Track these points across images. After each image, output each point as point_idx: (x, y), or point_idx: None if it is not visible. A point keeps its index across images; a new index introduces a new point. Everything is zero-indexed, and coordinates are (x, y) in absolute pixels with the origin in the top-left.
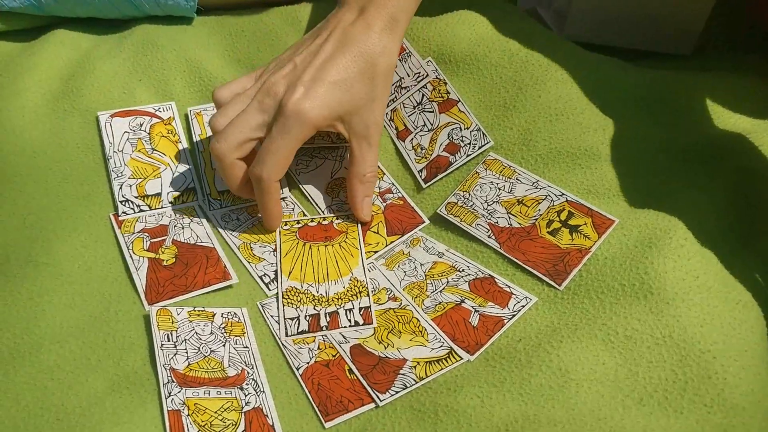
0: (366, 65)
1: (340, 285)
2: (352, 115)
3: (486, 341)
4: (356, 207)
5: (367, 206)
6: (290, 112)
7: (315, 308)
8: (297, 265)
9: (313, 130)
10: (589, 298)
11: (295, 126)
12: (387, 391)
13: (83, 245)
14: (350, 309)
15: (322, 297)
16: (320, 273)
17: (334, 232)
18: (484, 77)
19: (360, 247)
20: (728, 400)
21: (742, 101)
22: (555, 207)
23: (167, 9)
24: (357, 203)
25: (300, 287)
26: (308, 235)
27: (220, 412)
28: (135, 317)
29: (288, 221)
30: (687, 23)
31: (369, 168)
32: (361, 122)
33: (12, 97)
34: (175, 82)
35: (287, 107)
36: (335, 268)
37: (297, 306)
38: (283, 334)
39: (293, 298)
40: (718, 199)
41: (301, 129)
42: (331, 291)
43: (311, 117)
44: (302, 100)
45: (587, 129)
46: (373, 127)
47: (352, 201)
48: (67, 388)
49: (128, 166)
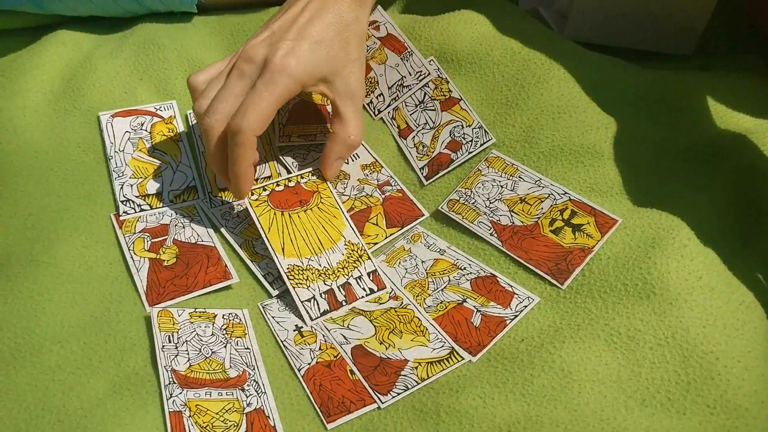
0: (341, 29)
1: (339, 252)
2: (335, 75)
3: (488, 342)
4: (327, 164)
5: (337, 167)
6: (277, 67)
7: (326, 283)
8: (286, 240)
9: (298, 85)
10: (591, 298)
11: (281, 80)
12: (388, 393)
13: (84, 245)
14: (359, 277)
15: (327, 270)
16: (313, 244)
17: (305, 193)
18: (486, 76)
19: (338, 204)
20: (731, 402)
21: (743, 101)
22: (558, 206)
23: (168, 4)
24: (330, 161)
25: (301, 264)
26: (281, 202)
27: (221, 414)
28: (136, 318)
29: (253, 189)
30: (688, 23)
31: (354, 130)
32: (344, 83)
33: (13, 96)
34: (176, 81)
35: (273, 62)
36: (325, 234)
37: (307, 285)
38: (308, 319)
39: (300, 277)
40: (719, 198)
41: (287, 83)
42: (333, 261)
43: (298, 71)
44: (288, 55)
45: (589, 127)
46: (355, 89)
47: (325, 158)
48: (68, 389)
49: (129, 166)
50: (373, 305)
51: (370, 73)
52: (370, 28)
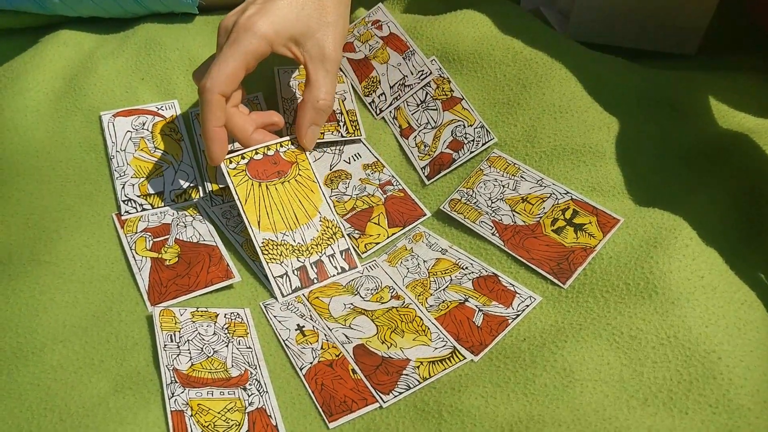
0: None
1: (313, 229)
2: (307, 37)
3: (490, 342)
4: (301, 132)
5: (312, 134)
6: (241, 27)
7: (299, 260)
8: (263, 213)
9: (264, 44)
10: (593, 298)
11: (244, 38)
12: (391, 392)
13: (86, 244)
14: (332, 255)
15: (301, 246)
16: (289, 218)
17: (284, 163)
18: (488, 75)
19: (316, 178)
20: (733, 401)
21: (745, 100)
22: (560, 205)
23: (169, 4)
24: (303, 129)
25: (276, 238)
26: (259, 171)
27: (223, 413)
28: (138, 317)
29: (231, 156)
30: (690, 23)
31: (323, 94)
32: (316, 46)
33: (15, 96)
34: (177, 81)
35: (239, 23)
36: (301, 209)
37: (280, 261)
38: (279, 295)
39: (273, 252)
40: (722, 198)
41: (251, 41)
42: (307, 237)
43: (263, 29)
44: (254, 15)
45: (591, 127)
46: (328, 52)
47: (299, 126)
48: (70, 388)
49: (131, 166)
50: (375, 304)
51: (372, 72)
52: (372, 27)
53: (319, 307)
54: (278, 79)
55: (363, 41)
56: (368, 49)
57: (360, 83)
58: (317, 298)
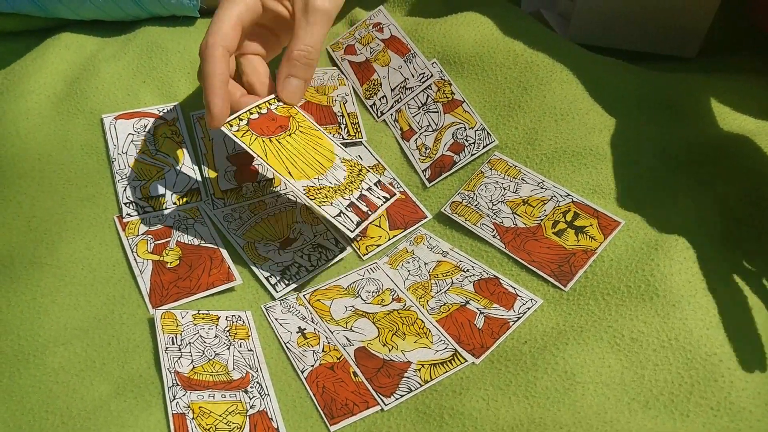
0: None
1: (341, 170)
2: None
3: (491, 344)
4: (278, 83)
5: (290, 87)
6: None
7: (344, 197)
8: (288, 164)
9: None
10: (594, 300)
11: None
12: (392, 395)
13: (87, 247)
14: (369, 189)
15: (339, 186)
16: (314, 164)
17: (281, 119)
18: (489, 78)
19: (316, 126)
20: (735, 404)
21: (745, 102)
22: (561, 208)
23: (171, 8)
24: (280, 80)
25: (314, 183)
26: (262, 129)
27: (224, 416)
28: (139, 320)
29: (230, 120)
30: (691, 25)
31: (300, 45)
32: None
33: (16, 99)
34: (179, 83)
35: None
36: (320, 155)
37: (330, 202)
38: (349, 232)
39: (320, 195)
40: (723, 200)
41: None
42: (339, 178)
43: None
44: None
45: (592, 129)
46: (313, 2)
47: (277, 78)
48: (71, 391)
49: (132, 168)
50: (376, 307)
51: (374, 75)
52: (373, 30)
53: (321, 309)
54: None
55: (364, 44)
56: (369, 52)
57: (361, 86)
58: (318, 301)
